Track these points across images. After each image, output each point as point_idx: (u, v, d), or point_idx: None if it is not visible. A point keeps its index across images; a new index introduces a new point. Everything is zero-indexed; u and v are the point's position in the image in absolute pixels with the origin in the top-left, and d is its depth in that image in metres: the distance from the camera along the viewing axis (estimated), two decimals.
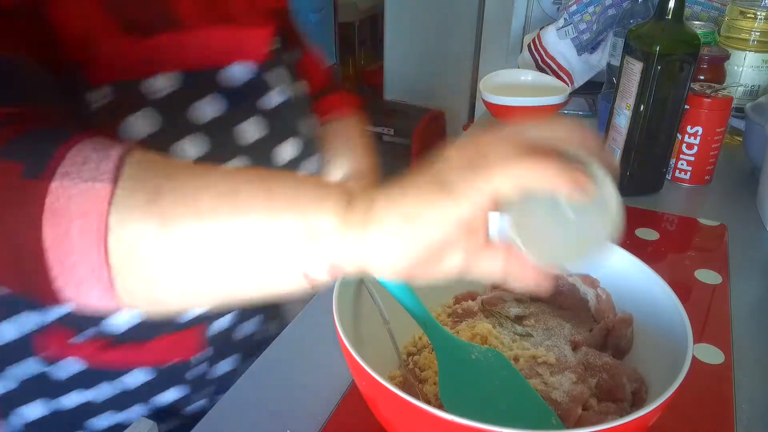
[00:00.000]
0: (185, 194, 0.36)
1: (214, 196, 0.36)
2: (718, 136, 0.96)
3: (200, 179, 0.37)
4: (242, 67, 0.60)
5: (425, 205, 0.35)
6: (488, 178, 0.34)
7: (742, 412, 0.57)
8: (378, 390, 0.43)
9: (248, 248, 0.36)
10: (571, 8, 1.30)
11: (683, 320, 0.49)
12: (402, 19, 2.92)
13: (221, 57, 0.58)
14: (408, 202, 0.35)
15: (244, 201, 0.36)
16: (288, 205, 0.36)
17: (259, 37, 0.62)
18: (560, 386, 0.51)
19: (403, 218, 0.35)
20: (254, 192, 0.37)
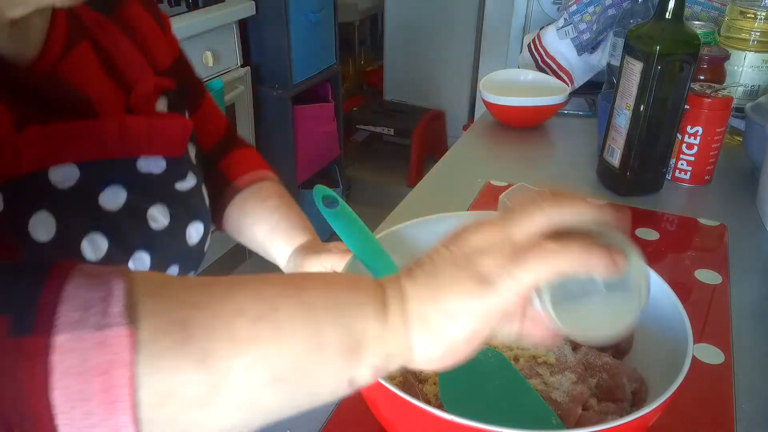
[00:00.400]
0: (217, 324, 0.32)
1: (252, 321, 0.32)
2: (718, 136, 0.96)
3: (228, 301, 0.33)
4: (152, 162, 0.56)
5: (467, 301, 0.34)
6: (527, 268, 0.34)
7: (742, 412, 0.57)
8: (378, 390, 0.43)
9: (292, 372, 0.33)
10: (571, 8, 1.30)
11: (683, 320, 0.49)
12: (402, 19, 2.92)
13: (130, 150, 0.55)
14: (447, 296, 0.35)
15: (284, 321, 0.33)
16: (330, 319, 0.34)
17: (176, 132, 0.59)
18: (560, 386, 0.51)
19: (447, 316, 0.35)
20: (292, 308, 0.34)
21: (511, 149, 1.16)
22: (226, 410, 0.32)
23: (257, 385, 0.32)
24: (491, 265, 0.35)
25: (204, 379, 0.31)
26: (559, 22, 1.33)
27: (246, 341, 0.32)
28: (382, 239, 0.59)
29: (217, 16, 1.89)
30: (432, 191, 1.00)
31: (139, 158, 0.56)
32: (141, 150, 0.56)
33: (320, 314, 0.34)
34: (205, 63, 1.89)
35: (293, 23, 2.06)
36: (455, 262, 0.36)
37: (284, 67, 2.11)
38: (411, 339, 0.35)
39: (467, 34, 2.79)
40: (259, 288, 0.35)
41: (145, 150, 0.56)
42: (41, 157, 0.48)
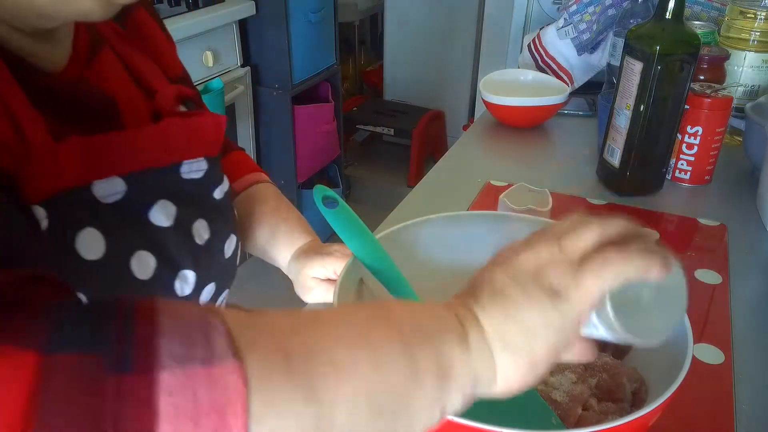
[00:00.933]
0: (317, 350, 0.31)
1: (348, 346, 0.32)
2: (718, 136, 0.96)
3: (321, 326, 0.32)
4: (194, 164, 0.56)
5: (544, 314, 0.35)
6: (596, 275, 0.35)
7: (742, 412, 0.57)
8: None
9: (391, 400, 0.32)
10: (571, 8, 1.30)
11: (683, 320, 0.49)
12: (402, 19, 2.91)
13: (173, 155, 0.54)
14: (522, 312, 0.35)
15: (380, 346, 0.33)
16: (421, 344, 0.34)
17: (211, 129, 0.57)
18: (560, 386, 0.51)
19: (527, 333, 0.35)
20: (387, 332, 0.33)
21: (511, 149, 1.16)
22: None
23: (359, 419, 0.31)
24: (557, 277, 0.35)
25: (311, 413, 0.29)
26: (559, 22, 1.33)
27: (347, 368, 0.31)
28: (382, 239, 0.59)
29: (217, 16, 1.89)
30: (432, 191, 1.00)
31: (182, 163, 0.54)
32: (183, 154, 0.55)
33: (411, 339, 0.33)
34: (205, 63, 1.89)
35: (293, 23, 2.06)
36: (518, 280, 0.36)
37: (284, 67, 2.11)
38: (494, 360, 0.35)
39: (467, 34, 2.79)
40: (348, 316, 0.34)
41: (187, 153, 0.55)
42: (83, 170, 0.47)
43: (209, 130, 0.57)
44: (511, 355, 0.35)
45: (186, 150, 0.55)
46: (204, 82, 1.89)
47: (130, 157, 0.50)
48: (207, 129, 0.57)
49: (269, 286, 2.11)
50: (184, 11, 1.84)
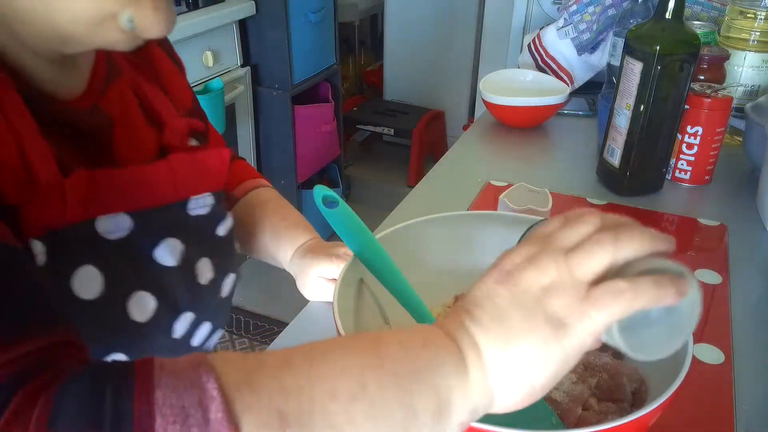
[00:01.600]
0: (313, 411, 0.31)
1: (345, 403, 0.32)
2: (718, 136, 0.96)
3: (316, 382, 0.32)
4: (201, 200, 0.55)
5: (545, 347, 0.34)
6: (603, 309, 0.34)
7: (742, 412, 0.57)
8: None
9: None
10: (571, 8, 1.30)
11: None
12: (402, 19, 2.91)
13: (181, 192, 0.53)
14: (522, 341, 0.34)
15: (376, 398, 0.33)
16: (417, 386, 0.34)
17: (216, 163, 0.56)
18: (560, 386, 0.51)
19: (526, 364, 0.34)
20: (380, 381, 0.33)
21: (511, 149, 1.16)
22: None
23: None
24: (563, 306, 0.34)
25: None
26: (559, 22, 1.33)
27: (344, 426, 0.31)
28: (382, 239, 0.59)
29: (217, 16, 1.89)
30: (432, 191, 1.00)
31: (190, 199, 0.54)
32: (190, 190, 0.54)
33: (407, 382, 0.33)
34: (205, 63, 1.89)
35: (293, 23, 2.06)
36: (521, 304, 0.35)
37: (284, 67, 2.11)
38: (492, 390, 0.35)
39: (467, 34, 2.79)
40: (341, 362, 0.34)
41: (194, 189, 0.54)
42: (88, 205, 0.45)
43: (214, 165, 0.57)
44: (510, 385, 0.35)
45: (193, 186, 0.54)
46: (204, 82, 1.89)
47: (138, 193, 0.49)
48: (212, 164, 0.56)
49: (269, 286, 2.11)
50: (184, 11, 1.84)
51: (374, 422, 0.32)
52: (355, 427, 0.32)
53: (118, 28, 0.42)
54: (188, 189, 0.54)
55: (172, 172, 0.52)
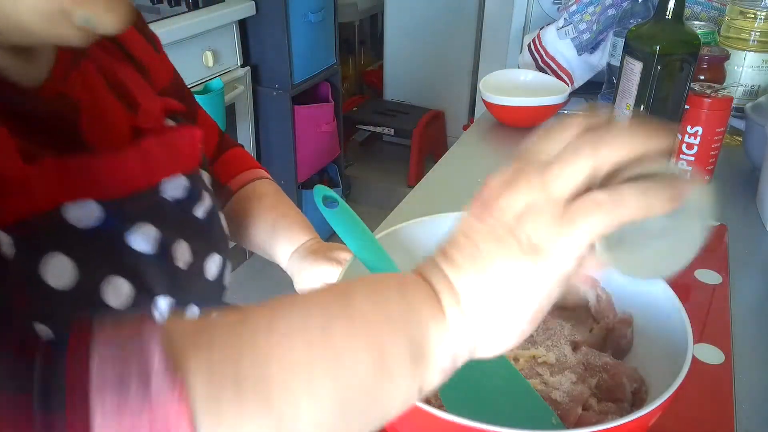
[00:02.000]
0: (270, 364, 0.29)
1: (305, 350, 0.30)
2: (718, 136, 0.96)
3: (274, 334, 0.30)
4: (174, 182, 0.53)
5: (520, 267, 0.32)
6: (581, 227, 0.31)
7: (742, 412, 0.57)
8: None
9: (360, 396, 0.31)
10: (571, 8, 1.30)
11: (683, 320, 0.49)
12: (402, 19, 2.91)
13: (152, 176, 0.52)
14: (496, 267, 0.32)
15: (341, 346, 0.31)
16: (388, 333, 0.32)
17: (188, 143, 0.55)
18: (560, 386, 0.51)
19: (499, 287, 0.32)
20: (348, 327, 0.31)
21: (511, 149, 1.16)
22: None
23: (328, 416, 0.30)
24: (537, 230, 0.31)
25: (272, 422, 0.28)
26: (559, 22, 1.33)
27: (304, 376, 0.29)
28: (382, 239, 0.59)
29: (217, 16, 1.89)
30: (432, 191, 0.99)
31: (162, 182, 0.52)
32: (162, 172, 0.52)
33: (377, 329, 0.32)
34: (205, 63, 1.89)
35: (293, 23, 2.06)
36: (495, 236, 0.32)
37: (284, 67, 2.11)
38: (473, 330, 0.33)
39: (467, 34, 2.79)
40: (304, 312, 0.32)
41: (165, 171, 0.53)
42: (56, 193, 0.44)
43: (186, 146, 0.55)
44: (492, 323, 0.33)
45: (165, 169, 0.53)
46: (204, 82, 1.89)
47: (108, 181, 0.48)
48: (184, 144, 0.55)
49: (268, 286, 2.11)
50: (184, 11, 1.84)
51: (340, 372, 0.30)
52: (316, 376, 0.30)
53: (72, 25, 0.41)
54: (160, 172, 0.52)
55: (143, 157, 0.50)
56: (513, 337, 0.33)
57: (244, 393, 0.28)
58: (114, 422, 0.26)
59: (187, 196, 0.54)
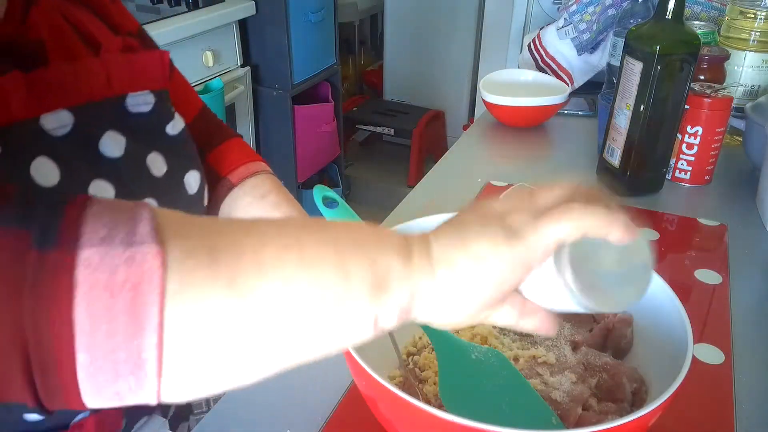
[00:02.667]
0: (244, 250, 0.31)
1: (278, 249, 0.32)
2: (718, 136, 0.96)
3: (253, 231, 0.33)
4: (140, 98, 0.56)
5: (496, 246, 0.34)
6: (555, 222, 0.34)
7: (742, 412, 0.57)
8: (378, 390, 0.43)
9: (319, 303, 0.32)
10: (571, 8, 1.30)
11: (683, 320, 0.49)
12: (402, 19, 2.92)
13: (116, 88, 0.54)
14: (475, 241, 0.35)
15: (310, 252, 0.32)
16: (355, 253, 0.33)
17: (156, 63, 0.58)
18: (560, 386, 0.51)
19: (474, 259, 0.34)
20: (317, 241, 0.33)
21: (511, 149, 1.16)
22: (252, 344, 0.31)
23: (286, 312, 0.31)
24: (519, 220, 0.35)
25: (233, 302, 0.30)
26: (559, 22, 1.33)
27: (273, 268, 0.31)
28: None
29: (217, 16, 1.89)
30: (432, 191, 1.00)
31: (127, 95, 0.55)
32: (127, 87, 0.55)
33: (345, 248, 0.33)
34: (205, 63, 1.89)
35: (293, 23, 2.06)
36: (483, 218, 0.36)
37: (284, 67, 2.11)
38: (435, 277, 0.34)
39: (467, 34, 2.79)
40: (282, 224, 0.35)
41: (131, 87, 0.55)
42: (29, 104, 0.47)
43: (152, 65, 0.58)
44: (454, 277, 0.34)
45: (130, 83, 0.55)
46: (204, 82, 1.89)
47: (74, 90, 0.50)
48: (150, 64, 0.57)
49: None
50: (184, 11, 1.84)
51: (304, 274, 0.32)
52: (284, 273, 0.31)
53: None
54: (124, 86, 0.54)
55: (105, 68, 0.53)
56: (470, 310, 0.36)
57: (215, 267, 0.30)
58: (97, 260, 0.28)
59: (154, 111, 0.57)
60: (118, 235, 0.29)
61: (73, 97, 0.50)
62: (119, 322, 0.28)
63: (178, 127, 0.60)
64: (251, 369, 0.32)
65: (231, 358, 0.31)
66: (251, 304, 0.30)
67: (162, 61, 0.59)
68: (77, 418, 0.54)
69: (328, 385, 0.59)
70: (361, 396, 0.50)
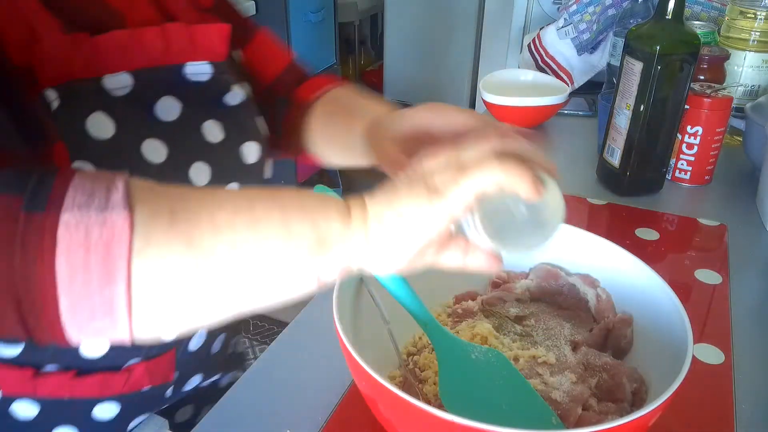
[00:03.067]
0: (201, 213, 0.36)
1: (231, 212, 0.37)
2: (718, 136, 0.96)
3: (210, 198, 0.38)
4: (198, 67, 0.59)
5: (419, 204, 0.39)
6: (471, 177, 0.38)
7: (742, 412, 0.57)
8: (378, 390, 0.43)
9: (266, 260, 0.37)
10: (571, 8, 1.30)
11: (683, 320, 0.49)
12: (402, 19, 2.92)
13: (175, 56, 0.57)
14: (402, 201, 0.39)
15: (259, 215, 0.37)
16: (299, 216, 0.38)
17: (215, 36, 0.60)
18: (560, 386, 0.51)
19: (399, 216, 0.39)
20: (267, 206, 0.38)
21: None
22: (208, 293, 0.36)
23: (237, 268, 0.36)
24: (442, 179, 0.39)
25: (190, 258, 0.35)
26: (559, 22, 1.33)
27: (226, 228, 0.36)
28: None
29: None
30: None
31: (186, 64, 0.58)
32: (187, 56, 0.58)
33: (291, 212, 0.38)
34: None
35: (293, 23, 2.06)
36: (411, 180, 0.40)
37: None
38: (369, 236, 0.39)
39: (467, 34, 2.79)
40: (238, 193, 0.39)
41: (190, 56, 0.58)
42: (93, 64, 0.51)
43: (213, 37, 0.60)
44: (384, 234, 0.39)
45: (189, 53, 0.58)
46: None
47: (136, 55, 0.54)
48: (210, 36, 0.60)
49: None
50: None
51: (253, 234, 0.37)
52: (236, 233, 0.36)
53: None
54: (182, 55, 0.58)
55: (165, 36, 0.56)
56: (403, 257, 0.40)
57: (175, 226, 0.35)
58: (75, 222, 0.33)
59: (211, 81, 0.60)
60: (95, 202, 0.34)
61: (135, 61, 0.54)
62: (93, 273, 0.33)
63: (237, 98, 0.62)
64: (209, 313, 0.37)
65: (190, 304, 0.36)
66: (206, 259, 0.35)
67: (221, 35, 0.61)
68: (129, 363, 0.60)
69: (328, 385, 0.59)
70: (361, 396, 0.50)
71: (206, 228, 0.36)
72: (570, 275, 0.62)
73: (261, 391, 0.59)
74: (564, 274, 0.62)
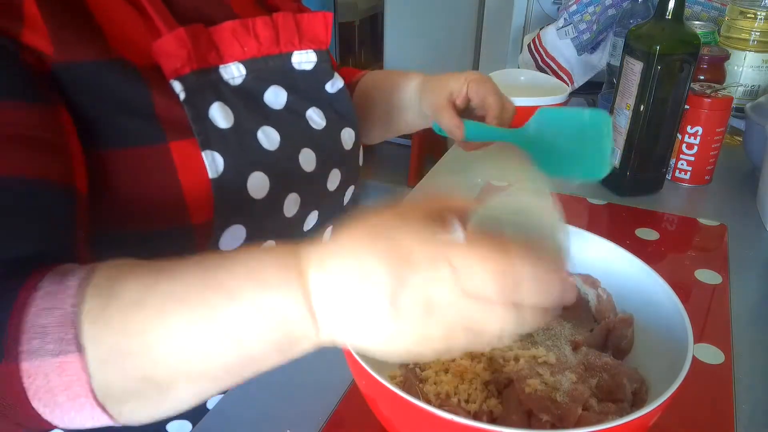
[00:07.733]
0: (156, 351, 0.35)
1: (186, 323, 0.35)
2: (718, 136, 0.96)
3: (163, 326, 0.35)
4: (304, 55, 0.62)
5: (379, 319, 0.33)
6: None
7: (742, 412, 0.57)
8: (378, 390, 0.43)
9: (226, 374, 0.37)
10: (571, 8, 1.30)
11: (683, 320, 0.49)
12: (402, 19, 2.92)
13: (283, 46, 0.60)
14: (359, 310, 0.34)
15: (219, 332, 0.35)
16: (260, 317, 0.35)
17: (320, 24, 0.63)
18: (560, 386, 0.51)
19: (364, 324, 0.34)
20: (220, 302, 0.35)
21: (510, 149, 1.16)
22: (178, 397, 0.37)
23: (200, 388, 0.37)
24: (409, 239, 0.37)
25: (151, 385, 0.36)
26: (559, 22, 1.33)
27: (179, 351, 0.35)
28: None
29: None
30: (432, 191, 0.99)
31: (293, 53, 0.61)
32: (292, 45, 0.61)
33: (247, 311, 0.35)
34: None
35: None
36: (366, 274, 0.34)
37: None
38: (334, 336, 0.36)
39: (467, 34, 2.79)
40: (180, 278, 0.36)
41: (297, 45, 0.61)
42: (208, 54, 0.54)
43: (317, 25, 0.62)
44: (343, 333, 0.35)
45: (295, 42, 0.61)
46: None
47: (248, 45, 0.57)
48: (314, 24, 0.62)
49: None
50: None
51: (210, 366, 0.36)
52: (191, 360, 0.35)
53: None
54: (290, 44, 0.61)
55: (274, 27, 0.59)
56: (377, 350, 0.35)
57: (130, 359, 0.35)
58: (34, 371, 0.35)
59: (316, 69, 0.63)
60: (49, 346, 0.35)
61: (247, 51, 0.57)
62: (66, 407, 0.36)
63: (336, 86, 0.65)
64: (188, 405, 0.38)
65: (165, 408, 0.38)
66: (164, 392, 0.36)
67: (325, 22, 0.63)
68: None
69: (328, 385, 0.59)
70: (362, 396, 0.50)
71: (162, 369, 0.36)
72: (570, 275, 0.62)
73: (261, 391, 0.59)
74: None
